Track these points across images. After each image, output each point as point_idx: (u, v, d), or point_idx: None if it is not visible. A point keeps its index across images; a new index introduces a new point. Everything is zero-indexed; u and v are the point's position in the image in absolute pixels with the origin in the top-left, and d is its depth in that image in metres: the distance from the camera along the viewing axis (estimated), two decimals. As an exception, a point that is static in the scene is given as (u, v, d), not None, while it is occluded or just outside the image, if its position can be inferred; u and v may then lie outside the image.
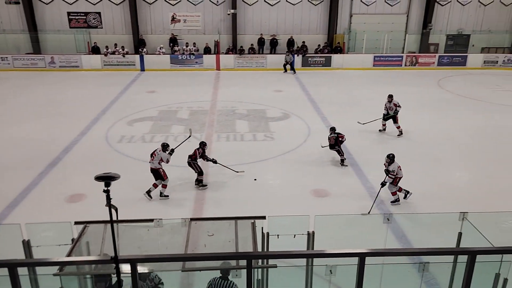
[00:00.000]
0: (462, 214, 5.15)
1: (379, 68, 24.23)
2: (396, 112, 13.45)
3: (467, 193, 10.07)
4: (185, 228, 4.66)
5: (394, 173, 9.06)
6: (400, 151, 12.06)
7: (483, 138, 13.59)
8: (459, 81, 21.70)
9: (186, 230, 4.65)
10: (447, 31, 25.87)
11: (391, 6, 25.30)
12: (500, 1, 25.52)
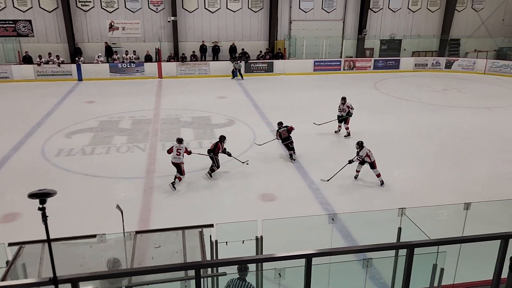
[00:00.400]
0: (401, 210, 5.42)
1: (320, 72, 24.99)
2: (349, 114, 14.04)
3: (405, 190, 10.62)
4: (130, 241, 4.52)
5: (362, 157, 10.54)
6: (343, 152, 12.52)
7: (417, 136, 14.41)
8: (394, 83, 22.89)
9: (131, 243, 4.51)
10: (381, 36, 27.23)
11: (328, 13, 26.22)
12: (427, 8, 27.28)
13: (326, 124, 14.55)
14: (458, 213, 6.34)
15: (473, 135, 14.53)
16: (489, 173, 11.83)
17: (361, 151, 10.55)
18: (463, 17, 27.75)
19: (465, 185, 10.75)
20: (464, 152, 13.01)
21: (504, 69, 24.94)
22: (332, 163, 12.01)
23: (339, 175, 10.77)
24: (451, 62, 26.18)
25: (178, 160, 10.38)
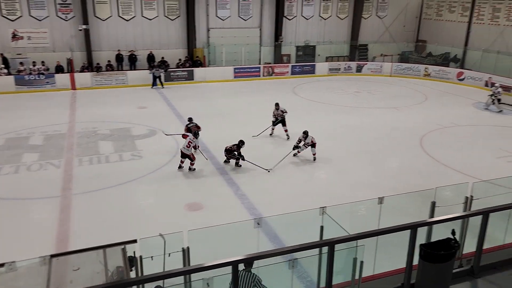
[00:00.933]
0: (322, 209, 5.65)
1: (240, 79, 25.31)
2: (283, 117, 14.69)
3: (326, 189, 11.11)
4: (45, 267, 4.18)
5: (308, 144, 12.56)
6: (264, 156, 12.78)
7: (334, 137, 15.16)
8: (310, 88, 23.89)
9: (46, 269, 4.18)
10: (296, 42, 28.32)
11: (244, 20, 26.70)
12: (336, 16, 28.92)
13: (253, 130, 14.74)
14: (374, 207, 6.77)
15: (383, 133, 15.62)
16: (400, 168, 12.80)
17: (306, 138, 12.55)
18: (369, 24, 29.83)
19: (380, 180, 11.51)
20: (377, 149, 13.94)
21: (407, 71, 27.19)
22: (254, 169, 12.21)
23: (264, 181, 10.98)
24: (361, 66, 27.98)
25: (187, 152, 11.72)
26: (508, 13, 24.75)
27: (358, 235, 4.06)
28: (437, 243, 4.09)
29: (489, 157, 13.36)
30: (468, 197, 6.56)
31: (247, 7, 26.51)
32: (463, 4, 27.61)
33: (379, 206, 6.39)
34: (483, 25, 26.35)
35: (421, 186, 10.70)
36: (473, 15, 26.89)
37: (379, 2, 29.79)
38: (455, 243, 4.07)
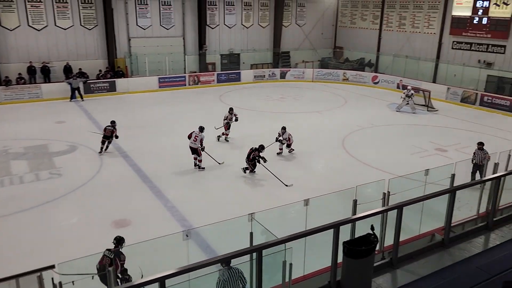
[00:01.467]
0: (250, 215, 5.70)
1: (165, 89, 24.84)
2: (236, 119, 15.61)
3: (255, 194, 11.23)
4: None
5: (287, 140, 13.52)
6: (182, 168, 12.65)
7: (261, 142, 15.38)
8: (237, 95, 24.11)
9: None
10: (220, 51, 28.46)
11: (167, 29, 26.30)
12: (258, 24, 29.55)
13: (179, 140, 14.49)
14: (302, 209, 6.97)
15: (308, 137, 16.17)
16: (325, 169, 13.33)
17: (283, 134, 13.64)
18: (290, 32, 30.86)
19: (306, 182, 11.88)
20: (302, 152, 14.40)
21: (327, 76, 28.49)
22: (189, 177, 12.04)
23: (193, 191, 10.82)
24: (285, 73, 28.81)
25: (195, 145, 12.49)
26: (412, 21, 26.95)
27: (284, 239, 4.14)
28: (359, 239, 4.29)
29: (404, 154, 14.38)
30: (385, 193, 7.00)
31: (168, 16, 26.16)
32: (373, 13, 29.59)
33: (306, 208, 6.59)
34: (392, 32, 28.43)
35: (345, 185, 11.22)
36: (382, 23, 28.92)
37: (298, 11, 30.95)
38: (374, 238, 4.30)
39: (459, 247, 5.23)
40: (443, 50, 25.20)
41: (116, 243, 6.56)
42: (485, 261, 4.58)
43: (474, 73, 22.88)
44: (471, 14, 23.19)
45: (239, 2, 28.38)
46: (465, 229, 6.02)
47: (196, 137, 12.51)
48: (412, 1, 26.71)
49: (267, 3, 29.38)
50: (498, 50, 22.40)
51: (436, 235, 6.53)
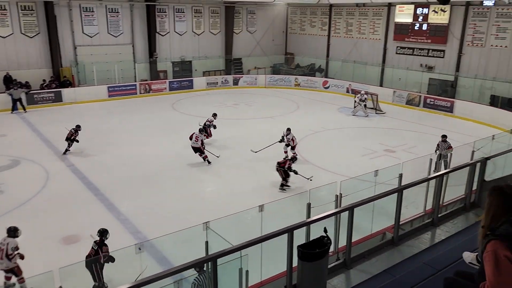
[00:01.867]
0: (205, 224, 5.63)
1: (115, 98, 24.16)
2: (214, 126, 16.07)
3: (211, 202, 11.13)
4: None
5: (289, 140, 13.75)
6: (145, 177, 12.37)
7: (217, 150, 15.33)
8: (190, 103, 23.88)
9: None
10: (172, 58, 28.10)
11: (115, 37, 25.63)
12: (209, 31, 29.48)
13: (129, 150, 14.12)
14: (257, 215, 6.98)
15: (262, 142, 16.25)
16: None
17: (288, 135, 13.93)
18: (241, 39, 31.04)
19: (262, 188, 11.92)
20: (258, 158, 14.46)
21: (280, 82, 28.89)
22: (142, 188, 11.75)
23: (146, 201, 10.57)
24: (237, 79, 28.91)
25: (196, 145, 13.50)
26: (358, 27, 27.96)
27: (239, 246, 4.12)
28: (312, 242, 4.35)
29: (355, 156, 14.82)
30: (337, 195, 7.17)
31: (116, 23, 25.52)
32: (322, 20, 30.41)
33: (261, 213, 6.61)
34: (340, 38, 29.33)
35: (300, 189, 11.40)
36: (331, 29, 29.78)
37: (248, 18, 31.22)
38: (327, 240, 4.37)
39: (407, 244, 5.44)
40: (388, 55, 26.32)
41: (99, 235, 7.24)
42: (431, 257, 4.78)
43: (417, 77, 24.05)
44: (412, 20, 24.40)
45: (189, 10, 28.22)
46: (414, 226, 6.28)
47: (197, 137, 13.67)
48: (357, 9, 27.72)
49: (217, 10, 29.41)
50: (438, 55, 23.69)
51: (387, 234, 6.76)
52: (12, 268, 7.26)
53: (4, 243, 7.21)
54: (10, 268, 7.24)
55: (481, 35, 21.68)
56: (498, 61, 21.17)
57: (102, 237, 7.24)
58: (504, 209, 2.40)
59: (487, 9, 21.26)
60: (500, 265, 2.09)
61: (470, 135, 16.11)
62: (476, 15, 21.79)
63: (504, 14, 20.64)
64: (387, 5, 25.59)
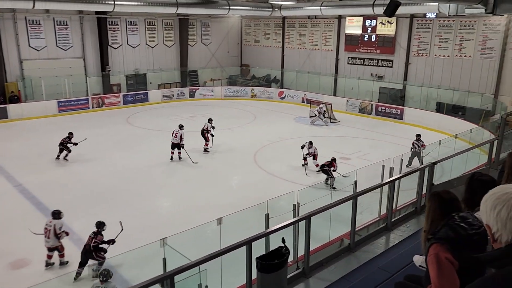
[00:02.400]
0: (162, 241, 5.51)
1: (66, 113, 23.31)
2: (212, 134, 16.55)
3: (168, 218, 10.92)
4: None
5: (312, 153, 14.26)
6: (100, 194, 11.97)
7: (168, 163, 15.10)
8: (145, 116, 23.44)
9: None
10: (125, 71, 27.53)
11: (64, 50, 24.81)
12: (163, 44, 29.19)
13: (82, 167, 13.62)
14: (216, 229, 6.91)
15: (220, 154, 16.23)
16: (238, 185, 13.43)
17: (310, 148, 14.38)
18: (196, 51, 30.96)
19: (221, 200, 11.85)
20: (216, 170, 14.40)
21: (236, 93, 29.03)
22: (97, 206, 11.33)
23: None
24: (194, 91, 28.76)
25: (175, 141, 14.84)
26: (311, 39, 28.68)
27: (197, 261, 4.06)
28: (271, 254, 4.36)
29: (312, 165, 15.06)
30: (295, 204, 7.25)
31: (65, 36, 24.73)
32: (275, 31, 30.95)
33: (219, 226, 6.56)
34: (293, 49, 29.95)
35: (259, 199, 11.42)
36: (284, 41, 30.36)
37: (203, 30, 31.23)
38: (286, 250, 4.40)
39: (363, 250, 5.57)
40: (340, 65, 27.15)
41: (97, 227, 8.53)
42: (385, 261, 4.93)
43: (368, 86, 24.94)
44: (362, 32, 25.35)
45: (142, 22, 27.84)
46: (369, 232, 6.44)
47: (176, 134, 14.91)
48: (309, 21, 28.45)
49: (171, 22, 29.21)
50: (387, 64, 24.72)
51: (344, 240, 6.89)
52: (56, 246, 8.60)
53: (50, 225, 8.55)
54: (55, 246, 8.57)
55: (426, 46, 22.86)
56: (441, 69, 22.38)
57: (99, 228, 8.48)
58: (442, 213, 2.52)
59: (429, 21, 22.47)
60: (442, 267, 2.20)
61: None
62: (420, 27, 22.97)
63: (446, 26, 21.90)
64: (338, 17, 26.45)
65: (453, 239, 2.23)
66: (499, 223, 1.59)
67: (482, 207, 1.70)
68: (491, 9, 14.83)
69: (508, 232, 1.57)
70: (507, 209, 1.57)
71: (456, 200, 2.66)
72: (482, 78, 20.89)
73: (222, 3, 22.75)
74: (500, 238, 1.60)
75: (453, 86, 21.72)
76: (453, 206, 2.59)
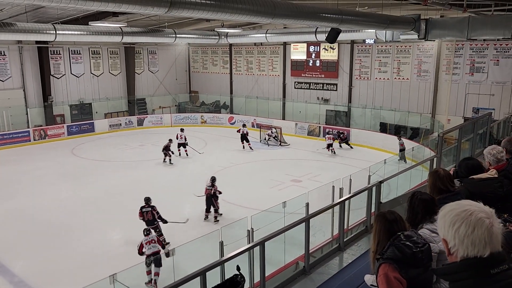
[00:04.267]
0: (112, 277, 5.27)
1: (5, 147, 22.03)
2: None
3: (117, 253, 10.47)
4: None
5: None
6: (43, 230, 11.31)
7: (121, 193, 14.61)
8: (91, 147, 22.63)
9: None
10: (70, 101, 26.60)
11: (2, 81, 23.64)
12: (109, 72, 28.61)
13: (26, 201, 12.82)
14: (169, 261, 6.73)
15: (171, 183, 15.91)
16: (191, 214, 13.18)
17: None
18: (144, 79, 30.62)
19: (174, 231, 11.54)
20: (167, 200, 14.05)
21: (186, 120, 28.83)
22: (41, 243, 10.66)
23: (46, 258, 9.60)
24: (142, 120, 28.25)
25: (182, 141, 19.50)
26: (258, 65, 29.31)
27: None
28: (225, 283, 4.28)
29: (264, 188, 15.15)
30: (249, 230, 7.22)
31: (3, 67, 23.63)
32: (223, 58, 31.34)
33: (172, 258, 6.38)
34: (242, 75, 30.41)
35: (213, 227, 11.26)
36: (232, 68, 30.79)
37: (150, 58, 31.02)
38: (241, 278, 4.34)
39: (318, 272, 5.62)
40: (288, 89, 27.87)
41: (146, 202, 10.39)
42: (339, 282, 5.00)
43: (315, 109, 25.72)
44: (306, 57, 26.28)
45: (86, 51, 27.20)
46: (323, 253, 6.52)
47: (181, 136, 19.24)
48: (256, 48, 29.12)
49: (116, 51, 28.78)
50: (332, 88, 25.69)
51: (299, 263, 6.92)
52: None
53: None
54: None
55: (367, 69, 24.07)
56: (383, 91, 23.58)
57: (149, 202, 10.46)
58: (388, 234, 2.61)
59: (369, 46, 23.74)
60: (392, 286, 2.28)
61: (367, 160, 17.47)
62: (360, 52, 24.20)
63: (384, 51, 23.23)
64: (283, 44, 27.29)
65: (399, 258, 2.32)
66: (457, 239, 1.63)
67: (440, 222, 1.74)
68: (423, 35, 15.98)
69: (464, 247, 1.61)
70: (466, 226, 1.61)
71: (400, 220, 2.76)
72: (419, 99, 22.23)
73: (168, 32, 22.78)
74: (456, 253, 1.65)
75: (394, 107, 22.90)
76: (398, 226, 2.68)
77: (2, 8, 15.84)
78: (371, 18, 13.98)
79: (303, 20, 11.85)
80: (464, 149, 9.75)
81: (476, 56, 20.13)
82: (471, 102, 20.49)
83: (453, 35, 16.18)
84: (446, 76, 21.16)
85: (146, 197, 10.58)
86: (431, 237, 2.83)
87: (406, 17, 15.67)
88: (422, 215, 3.00)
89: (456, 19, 15.90)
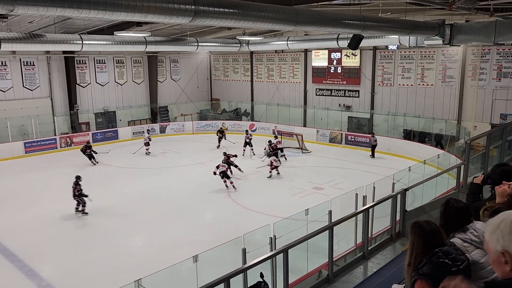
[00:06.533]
0: (137, 282, 5.33)
1: (33, 154, 22.65)
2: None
3: (145, 257, 10.59)
4: None
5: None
6: (70, 236, 11.53)
7: (146, 200, 14.80)
8: (115, 153, 23.02)
9: None
10: (94, 109, 27.22)
11: (31, 91, 24.40)
12: (132, 81, 29.17)
13: (53, 207, 13.12)
14: (192, 266, 6.75)
15: (193, 189, 16.04)
16: (213, 220, 13.25)
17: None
18: (166, 87, 31.08)
19: (196, 236, 11.62)
20: (189, 206, 14.18)
21: (207, 127, 29.05)
22: (67, 248, 10.89)
23: (70, 265, 9.76)
24: (164, 127, 28.62)
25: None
26: (279, 72, 29.36)
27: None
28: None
29: (286, 196, 15.09)
30: (271, 237, 7.19)
31: (32, 76, 24.39)
32: (244, 66, 31.54)
33: (196, 264, 6.41)
34: (262, 83, 30.51)
35: (235, 234, 11.25)
36: (253, 75, 30.93)
37: (172, 66, 31.48)
38: (264, 285, 4.34)
39: (342, 280, 5.55)
40: (309, 96, 27.78)
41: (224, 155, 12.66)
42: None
43: (337, 116, 25.54)
44: (328, 64, 26.19)
45: (110, 60, 27.84)
46: (347, 261, 6.44)
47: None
48: (277, 55, 29.20)
49: (140, 59, 29.34)
50: (354, 95, 25.48)
51: (322, 271, 6.85)
52: None
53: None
54: None
55: (390, 76, 23.79)
56: (406, 98, 23.24)
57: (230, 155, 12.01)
58: (425, 246, 2.48)
59: (392, 52, 23.49)
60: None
61: (390, 167, 17.21)
62: (383, 58, 23.96)
63: (407, 56, 22.94)
64: (304, 51, 27.27)
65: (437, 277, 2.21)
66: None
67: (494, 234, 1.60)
68: (448, 41, 15.68)
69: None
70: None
71: (438, 231, 2.63)
72: (444, 105, 21.81)
73: (191, 40, 23.08)
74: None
75: (418, 113, 22.52)
76: (436, 238, 2.56)
77: (32, 20, 16.39)
78: (394, 24, 13.82)
79: (326, 27, 11.80)
80: (493, 156, 9.49)
81: (504, 61, 19.66)
82: (499, 108, 19.98)
83: (479, 40, 15.82)
84: (472, 82, 20.72)
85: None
86: (462, 247, 2.71)
87: (430, 22, 15.43)
88: (457, 224, 2.88)
89: (482, 23, 15.55)
